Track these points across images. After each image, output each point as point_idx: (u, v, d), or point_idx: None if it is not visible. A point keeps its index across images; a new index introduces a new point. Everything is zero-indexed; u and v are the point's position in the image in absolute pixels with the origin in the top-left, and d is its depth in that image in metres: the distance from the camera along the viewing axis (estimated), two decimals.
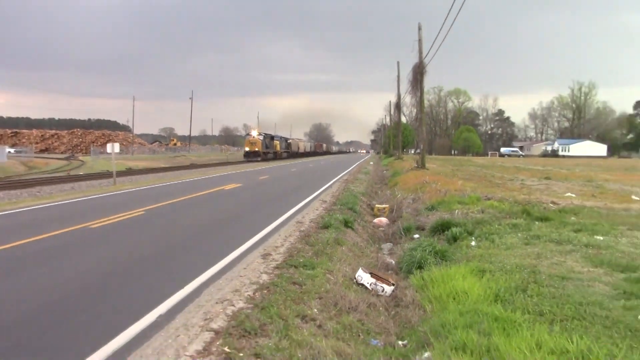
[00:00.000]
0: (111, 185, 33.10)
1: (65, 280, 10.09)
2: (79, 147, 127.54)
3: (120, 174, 39.62)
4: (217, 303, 8.43)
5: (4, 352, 6.54)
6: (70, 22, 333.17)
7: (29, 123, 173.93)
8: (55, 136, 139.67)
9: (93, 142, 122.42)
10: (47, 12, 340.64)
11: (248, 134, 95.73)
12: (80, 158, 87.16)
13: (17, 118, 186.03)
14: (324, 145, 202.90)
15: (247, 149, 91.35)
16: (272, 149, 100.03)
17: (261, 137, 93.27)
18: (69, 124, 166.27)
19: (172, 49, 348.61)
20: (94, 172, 48.47)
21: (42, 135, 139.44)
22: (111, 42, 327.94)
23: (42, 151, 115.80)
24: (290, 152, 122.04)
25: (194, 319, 7.69)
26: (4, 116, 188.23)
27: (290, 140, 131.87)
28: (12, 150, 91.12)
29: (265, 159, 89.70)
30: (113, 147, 36.19)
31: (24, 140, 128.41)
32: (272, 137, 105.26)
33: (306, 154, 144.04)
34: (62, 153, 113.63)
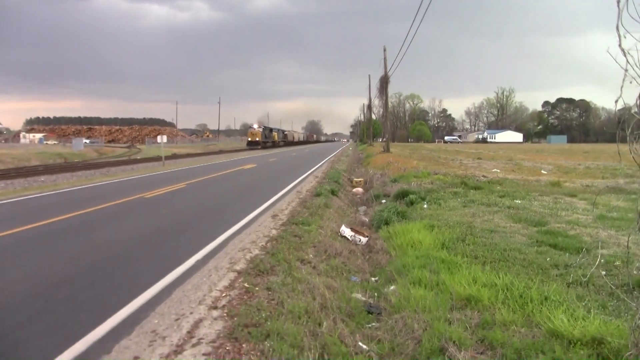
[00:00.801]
0: (161, 166, 32.84)
1: (126, 235, 10.02)
2: (136, 139, 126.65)
3: (168, 158, 39.31)
4: (239, 251, 8.37)
5: (105, 277, 6.49)
6: (128, 44, 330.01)
7: (99, 121, 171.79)
8: (119, 131, 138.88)
9: (147, 135, 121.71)
10: (113, 36, 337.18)
11: (251, 127, 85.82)
12: (138, 147, 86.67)
13: (91, 117, 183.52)
14: (314, 135, 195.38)
15: (249, 139, 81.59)
16: (270, 139, 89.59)
17: (261, 129, 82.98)
18: (129, 122, 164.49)
19: (204, 65, 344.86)
20: (148, 156, 48.04)
21: (109, 130, 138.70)
22: (158, 60, 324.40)
23: (109, 142, 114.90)
24: (287, 141, 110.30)
25: (222, 262, 7.63)
26: (81, 116, 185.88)
27: (287, 132, 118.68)
28: (87, 141, 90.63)
29: (264, 147, 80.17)
30: (162, 138, 36.13)
31: (96, 134, 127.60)
32: (270, 130, 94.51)
33: (300, 143, 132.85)
34: (124, 143, 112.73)
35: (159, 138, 36.63)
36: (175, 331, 4.97)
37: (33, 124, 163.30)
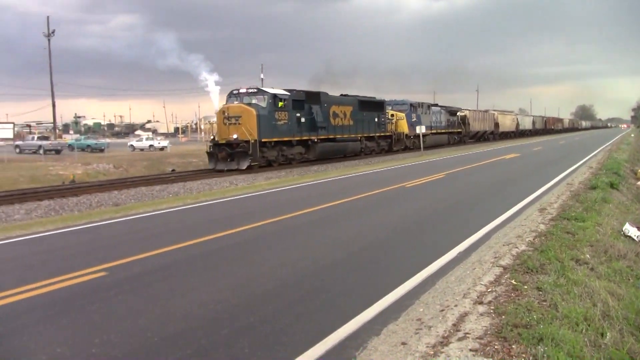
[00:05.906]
0: (419, 156, 33.34)
1: (388, 222, 10.45)
2: None
3: (426, 148, 39.64)
4: (503, 245, 7.98)
5: (372, 261, 6.96)
6: (382, 39, 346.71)
7: None
8: None
9: None
10: (369, 33, 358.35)
11: (232, 94, 24.67)
12: None
13: None
14: (565, 120, 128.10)
15: (212, 136, 27.68)
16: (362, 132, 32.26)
17: (263, 104, 23.57)
18: None
19: (458, 53, 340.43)
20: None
21: None
22: (414, 52, 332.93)
23: None
24: (467, 133, 52.58)
25: (486, 256, 7.37)
26: None
27: (465, 112, 53.41)
28: None
29: (288, 164, 26.24)
30: (421, 129, 36.76)
31: None
32: (373, 103, 34.23)
33: (517, 135, 70.23)
34: None
35: (417, 129, 37.29)
36: (441, 322, 4.95)
37: None
